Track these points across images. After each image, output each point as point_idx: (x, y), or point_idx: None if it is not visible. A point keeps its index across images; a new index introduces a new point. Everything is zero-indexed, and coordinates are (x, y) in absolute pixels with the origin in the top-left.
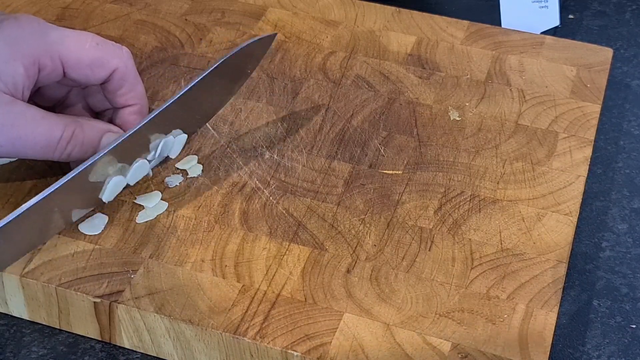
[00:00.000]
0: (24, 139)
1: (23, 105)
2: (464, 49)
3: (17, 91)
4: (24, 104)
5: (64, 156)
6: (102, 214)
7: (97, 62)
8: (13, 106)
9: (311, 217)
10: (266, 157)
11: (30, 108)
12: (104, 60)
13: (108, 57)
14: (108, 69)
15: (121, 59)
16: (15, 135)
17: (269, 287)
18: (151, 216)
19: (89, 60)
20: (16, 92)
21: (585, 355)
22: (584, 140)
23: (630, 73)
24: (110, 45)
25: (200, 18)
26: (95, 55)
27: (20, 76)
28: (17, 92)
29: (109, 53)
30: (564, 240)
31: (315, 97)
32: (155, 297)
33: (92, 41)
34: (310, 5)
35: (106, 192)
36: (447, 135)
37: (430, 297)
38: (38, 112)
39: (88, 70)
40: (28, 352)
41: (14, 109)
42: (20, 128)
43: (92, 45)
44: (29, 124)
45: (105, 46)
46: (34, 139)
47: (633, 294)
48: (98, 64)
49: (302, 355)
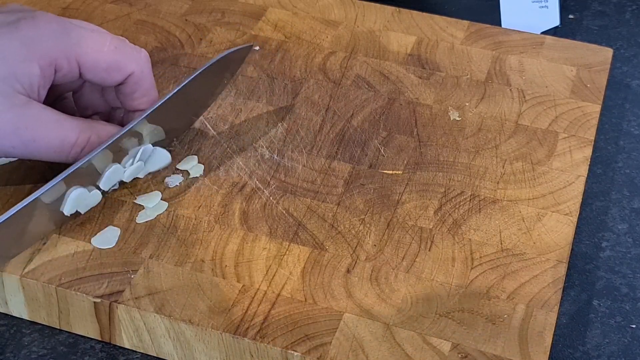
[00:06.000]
0: (37, 141)
1: (38, 107)
2: (464, 49)
3: (32, 91)
4: (40, 106)
5: (79, 158)
6: (113, 226)
7: (114, 65)
8: (28, 108)
9: (311, 217)
10: (266, 157)
11: (46, 110)
12: (121, 64)
13: (125, 61)
14: (124, 73)
15: (138, 63)
16: (30, 138)
17: (269, 287)
18: (151, 216)
19: (106, 63)
20: (32, 92)
21: (585, 355)
22: (584, 140)
23: (630, 73)
24: (128, 48)
25: (200, 18)
26: (112, 58)
27: (36, 77)
28: (33, 92)
29: (127, 57)
30: (564, 240)
31: (315, 97)
32: (155, 297)
33: (111, 44)
34: (310, 5)
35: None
36: (447, 135)
37: (430, 297)
38: (53, 115)
39: (104, 74)
40: (28, 352)
41: (28, 111)
42: (34, 131)
43: (110, 48)
44: (44, 127)
45: (124, 49)
46: (47, 143)
47: (633, 294)
48: (115, 68)
49: (302, 355)
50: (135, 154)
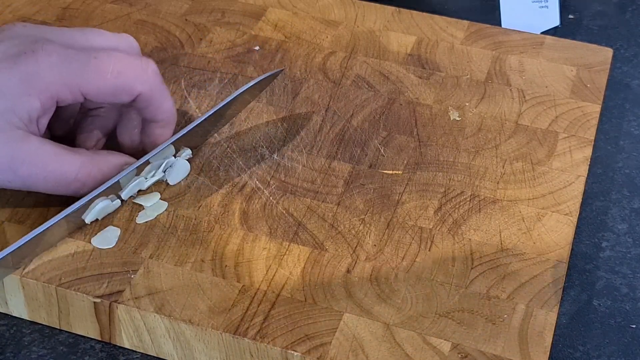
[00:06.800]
0: (34, 177)
1: (37, 141)
2: (464, 49)
3: (31, 124)
4: (38, 140)
5: (79, 193)
6: (114, 226)
7: (119, 91)
8: (25, 143)
9: (311, 217)
10: (266, 157)
11: (45, 145)
12: (127, 88)
13: (131, 84)
14: (131, 95)
15: (145, 83)
16: (27, 173)
17: (269, 287)
18: (151, 216)
19: (111, 91)
20: (30, 125)
21: (585, 355)
22: (584, 140)
23: (630, 73)
24: (133, 70)
25: (200, 18)
26: (116, 84)
27: (35, 111)
28: (32, 124)
29: (132, 79)
30: (564, 240)
31: (315, 97)
32: (155, 297)
33: (115, 69)
34: (310, 5)
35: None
36: (447, 135)
37: (430, 297)
38: (52, 149)
39: (111, 98)
40: (28, 352)
41: (25, 145)
42: (32, 166)
43: (113, 74)
44: (41, 162)
45: (128, 72)
46: (44, 177)
47: (633, 294)
48: (121, 92)
49: (302, 355)
50: (159, 166)
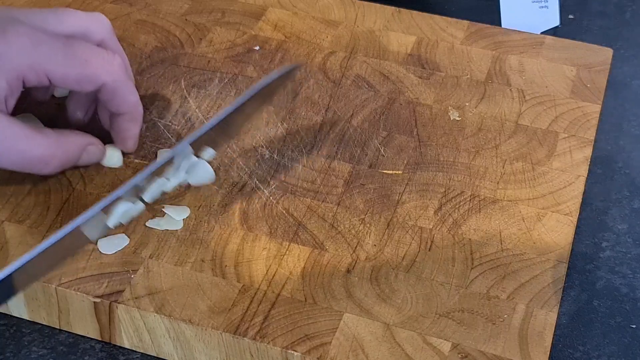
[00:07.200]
0: (1, 154)
1: (5, 120)
2: (464, 49)
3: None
4: (7, 119)
5: (42, 172)
6: (125, 234)
7: (84, 79)
8: None
9: (311, 217)
10: (266, 157)
11: (13, 125)
12: (92, 77)
13: (96, 74)
14: (95, 85)
15: (110, 74)
16: None
17: (269, 287)
18: (162, 227)
19: (75, 77)
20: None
21: (585, 355)
22: (584, 140)
23: (630, 73)
24: (100, 59)
25: (200, 18)
26: (82, 72)
27: (3, 90)
28: (1, 103)
29: (97, 70)
30: (564, 240)
31: (315, 97)
32: (155, 297)
33: (82, 57)
34: (310, 5)
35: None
36: (447, 135)
37: (430, 297)
38: (20, 130)
39: (75, 85)
40: (28, 352)
41: None
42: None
43: (81, 62)
44: (9, 141)
45: (95, 61)
46: (10, 156)
47: (633, 294)
48: (85, 80)
49: (302, 355)
50: (180, 166)
